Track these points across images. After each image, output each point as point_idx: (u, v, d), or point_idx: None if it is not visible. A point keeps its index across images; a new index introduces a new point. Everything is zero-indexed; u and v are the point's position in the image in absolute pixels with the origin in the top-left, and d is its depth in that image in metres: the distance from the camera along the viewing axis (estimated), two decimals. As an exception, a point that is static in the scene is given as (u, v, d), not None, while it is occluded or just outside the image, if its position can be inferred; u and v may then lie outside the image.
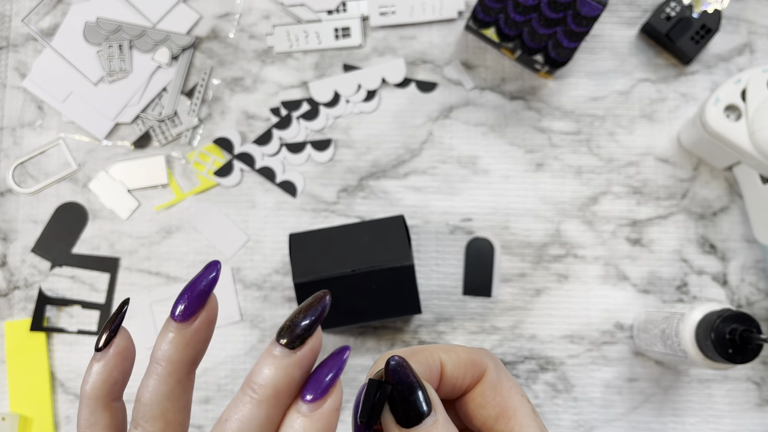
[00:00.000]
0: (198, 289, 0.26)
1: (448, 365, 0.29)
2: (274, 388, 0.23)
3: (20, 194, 0.58)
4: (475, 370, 0.29)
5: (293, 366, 0.23)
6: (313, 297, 0.24)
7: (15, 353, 0.56)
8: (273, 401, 0.23)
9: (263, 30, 0.59)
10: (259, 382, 0.23)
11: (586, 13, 0.50)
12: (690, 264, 0.56)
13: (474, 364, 0.29)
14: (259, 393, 0.23)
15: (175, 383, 0.26)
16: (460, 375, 0.29)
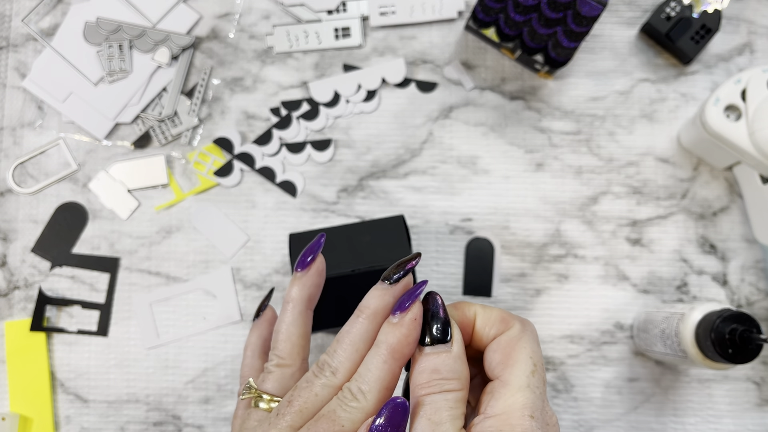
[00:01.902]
0: (310, 249, 0.38)
1: (480, 317, 0.34)
2: (373, 309, 0.34)
3: (20, 194, 0.58)
4: (502, 325, 0.34)
5: (387, 295, 0.34)
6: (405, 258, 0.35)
7: (15, 353, 0.56)
8: (372, 318, 0.34)
9: (263, 30, 0.59)
10: (363, 305, 0.34)
11: (586, 13, 0.50)
12: (690, 264, 0.56)
13: (503, 320, 0.34)
14: (364, 313, 0.34)
15: (297, 315, 0.37)
16: (488, 326, 0.34)
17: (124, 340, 0.56)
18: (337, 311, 0.50)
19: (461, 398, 0.32)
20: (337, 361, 0.34)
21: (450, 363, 0.32)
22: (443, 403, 0.31)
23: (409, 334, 0.33)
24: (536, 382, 0.32)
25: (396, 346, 0.33)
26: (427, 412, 0.31)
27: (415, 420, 0.31)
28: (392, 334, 0.33)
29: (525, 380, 0.32)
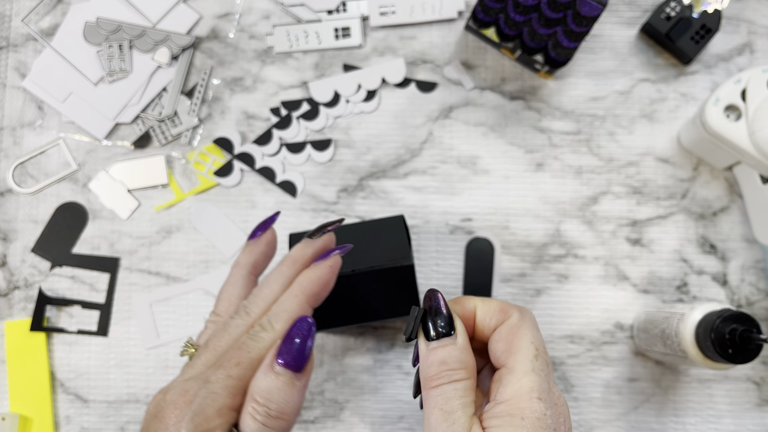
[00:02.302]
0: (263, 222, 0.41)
1: (480, 309, 0.36)
2: (293, 257, 0.38)
3: (20, 194, 0.58)
4: (501, 315, 0.36)
5: (308, 247, 0.39)
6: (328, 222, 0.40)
7: (15, 353, 0.56)
8: (290, 264, 0.38)
9: (263, 30, 0.59)
10: (285, 256, 0.38)
11: (586, 13, 0.50)
12: (690, 264, 0.56)
13: (502, 311, 0.36)
14: (285, 261, 0.38)
15: (240, 277, 0.40)
16: (488, 317, 0.36)
17: (124, 340, 0.56)
18: (338, 311, 0.50)
19: (470, 386, 0.33)
20: (252, 303, 0.37)
21: (456, 354, 0.34)
22: (453, 392, 0.33)
23: (323, 276, 0.37)
24: (540, 365, 0.33)
25: (307, 284, 0.36)
26: (439, 402, 0.33)
27: (429, 411, 0.33)
28: (306, 275, 0.37)
29: (529, 365, 0.33)
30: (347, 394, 0.55)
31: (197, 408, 0.32)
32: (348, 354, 0.55)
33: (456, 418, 0.32)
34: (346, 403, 0.55)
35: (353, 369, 0.55)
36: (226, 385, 0.33)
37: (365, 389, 0.55)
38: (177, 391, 0.33)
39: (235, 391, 0.33)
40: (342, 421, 0.55)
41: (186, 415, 0.32)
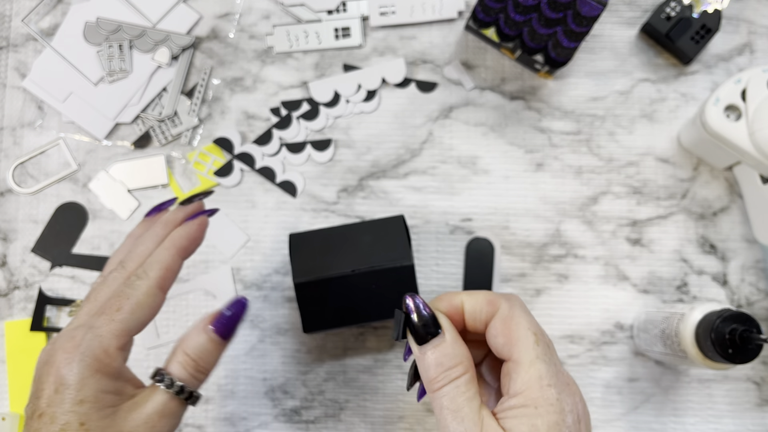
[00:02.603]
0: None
1: (467, 303, 0.36)
2: (165, 219, 0.42)
3: (20, 194, 0.58)
4: (490, 307, 0.36)
5: (180, 211, 0.43)
6: (197, 194, 0.45)
7: (15, 353, 0.56)
8: (163, 225, 0.42)
9: (263, 30, 0.59)
10: (160, 218, 0.43)
11: (586, 13, 0.50)
12: (690, 264, 0.56)
13: (490, 303, 0.36)
14: (158, 221, 0.42)
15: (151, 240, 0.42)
16: (478, 311, 0.36)
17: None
18: (337, 311, 0.50)
19: (469, 379, 0.34)
20: (129, 259, 0.40)
21: (449, 351, 0.34)
22: (455, 391, 0.34)
23: (191, 232, 0.41)
24: (542, 349, 0.34)
25: (177, 239, 0.41)
26: (445, 403, 0.34)
27: (438, 413, 0.34)
28: (177, 231, 0.41)
29: (533, 353, 0.33)
30: (347, 394, 0.55)
31: (85, 349, 0.35)
32: (348, 354, 0.55)
33: (464, 415, 0.33)
34: (346, 403, 0.55)
35: (353, 369, 0.55)
36: (111, 329, 0.37)
37: (365, 389, 0.55)
38: (64, 338, 0.36)
39: (119, 333, 0.37)
40: (342, 421, 0.55)
41: (75, 357, 0.35)
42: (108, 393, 0.36)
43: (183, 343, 0.39)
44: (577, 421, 0.33)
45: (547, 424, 0.32)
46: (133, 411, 0.36)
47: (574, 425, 0.32)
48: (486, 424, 0.33)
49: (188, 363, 0.38)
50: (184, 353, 0.38)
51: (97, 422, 0.35)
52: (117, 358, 0.37)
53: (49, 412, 0.35)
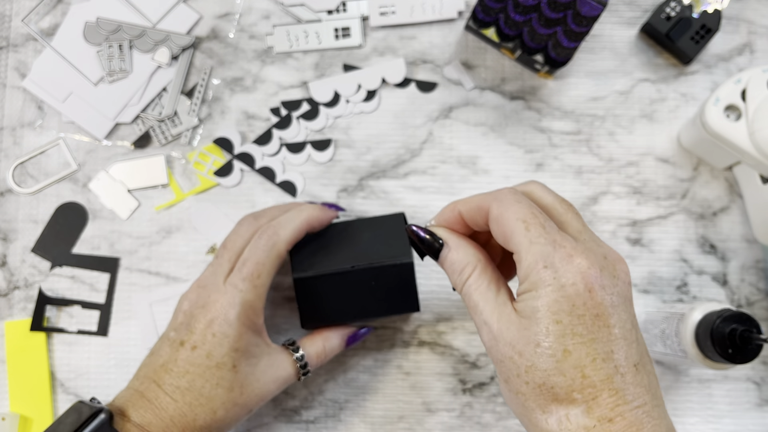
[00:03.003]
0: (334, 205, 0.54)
1: (464, 212, 0.39)
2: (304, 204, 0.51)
3: (20, 194, 0.58)
4: (481, 211, 0.38)
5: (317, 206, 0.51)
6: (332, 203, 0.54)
7: (15, 353, 0.56)
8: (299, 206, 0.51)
9: (263, 30, 0.59)
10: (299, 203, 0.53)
11: (586, 13, 0.50)
12: (690, 264, 0.56)
13: (479, 208, 0.38)
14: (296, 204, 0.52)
15: None
16: (474, 217, 0.39)
17: (124, 340, 0.56)
18: (336, 307, 0.50)
19: (480, 272, 0.37)
20: (261, 215, 0.49)
21: (455, 257, 0.38)
22: (469, 289, 0.37)
23: (323, 215, 0.50)
24: (535, 233, 0.35)
25: (312, 211, 0.49)
26: (468, 302, 0.37)
27: (470, 313, 0.37)
28: (313, 207, 0.50)
29: (525, 241, 0.35)
30: (347, 394, 0.55)
31: (240, 309, 0.44)
32: (348, 354, 0.55)
33: (481, 308, 0.36)
34: (346, 403, 0.55)
35: (353, 369, 0.55)
36: (255, 294, 0.45)
37: (365, 389, 0.55)
38: (219, 291, 0.45)
39: (262, 296, 0.46)
40: (342, 421, 0.55)
41: (232, 312, 0.44)
42: (254, 346, 0.45)
43: (328, 336, 0.49)
44: (586, 290, 0.33)
45: (546, 305, 0.33)
46: (270, 367, 0.46)
47: (580, 296, 0.33)
48: (501, 312, 0.35)
49: (321, 352, 0.49)
50: (323, 344, 0.49)
51: (245, 368, 0.44)
52: (261, 316, 0.46)
53: (205, 348, 0.44)
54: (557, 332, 0.33)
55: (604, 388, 0.32)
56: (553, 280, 0.33)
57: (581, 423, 0.32)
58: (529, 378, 0.33)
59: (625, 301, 0.34)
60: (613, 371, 0.32)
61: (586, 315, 0.33)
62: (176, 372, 0.44)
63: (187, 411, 0.43)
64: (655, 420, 0.32)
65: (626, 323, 0.34)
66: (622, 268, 0.35)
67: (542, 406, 0.33)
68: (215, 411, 0.43)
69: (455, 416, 0.55)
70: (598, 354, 0.32)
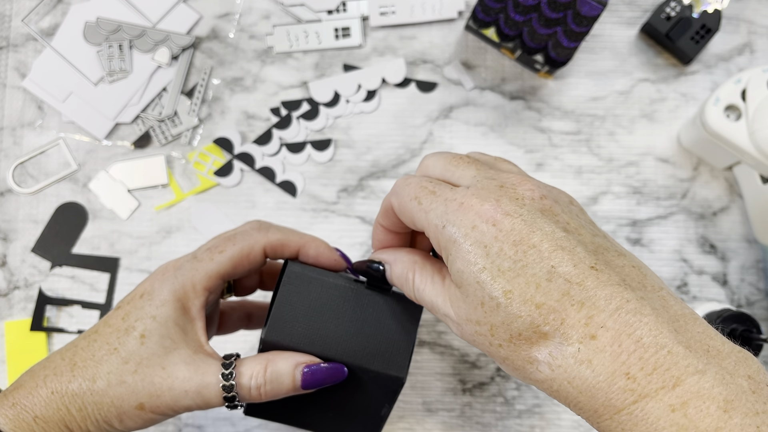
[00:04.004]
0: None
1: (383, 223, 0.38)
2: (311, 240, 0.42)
3: (20, 194, 0.58)
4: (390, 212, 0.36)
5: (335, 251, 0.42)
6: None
7: (15, 353, 0.56)
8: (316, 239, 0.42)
9: (263, 30, 0.59)
10: None
11: (586, 13, 0.50)
12: (690, 264, 0.56)
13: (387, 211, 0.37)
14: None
15: None
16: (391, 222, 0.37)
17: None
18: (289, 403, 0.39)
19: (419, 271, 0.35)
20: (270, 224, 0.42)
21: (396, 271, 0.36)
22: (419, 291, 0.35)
23: (327, 252, 0.41)
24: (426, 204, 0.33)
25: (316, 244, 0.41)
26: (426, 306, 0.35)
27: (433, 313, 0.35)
28: (323, 242, 0.41)
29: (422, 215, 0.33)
30: (347, 394, 0.55)
31: (179, 276, 0.38)
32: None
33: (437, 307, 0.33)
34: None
35: (353, 369, 0.55)
36: (206, 267, 0.38)
37: (365, 389, 0.55)
38: (175, 260, 0.39)
39: (211, 272, 0.38)
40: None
41: (169, 278, 0.38)
42: (177, 326, 0.37)
43: (273, 358, 0.37)
44: (490, 224, 0.30)
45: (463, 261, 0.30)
46: (185, 363, 0.36)
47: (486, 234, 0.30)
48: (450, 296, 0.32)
49: (258, 378, 0.36)
50: (264, 368, 0.36)
51: (154, 344, 0.36)
52: (199, 296, 0.38)
53: (125, 309, 0.37)
54: (487, 279, 0.29)
55: (565, 307, 0.28)
56: (456, 234, 0.31)
57: (566, 353, 0.28)
58: (498, 339, 0.30)
59: (544, 213, 0.31)
60: (565, 285, 0.28)
61: (503, 248, 0.29)
62: (88, 332, 0.37)
63: (66, 370, 0.35)
64: (647, 316, 0.27)
65: (555, 233, 0.30)
66: (526, 186, 0.32)
67: (527, 359, 0.29)
68: (95, 379, 0.35)
69: (455, 416, 0.55)
70: (538, 277, 0.29)
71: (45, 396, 0.35)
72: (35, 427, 0.34)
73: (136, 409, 0.35)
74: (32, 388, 0.35)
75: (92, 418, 0.35)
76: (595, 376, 0.27)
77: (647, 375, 0.26)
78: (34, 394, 0.35)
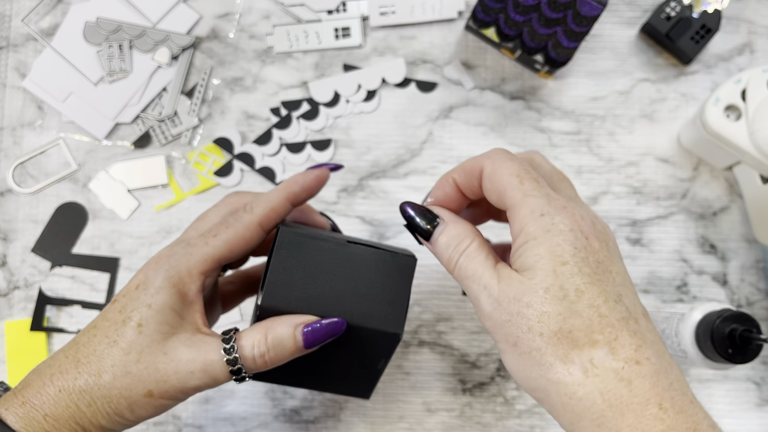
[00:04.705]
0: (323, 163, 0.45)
1: (458, 179, 0.37)
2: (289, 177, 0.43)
3: (20, 194, 0.58)
4: (474, 172, 0.36)
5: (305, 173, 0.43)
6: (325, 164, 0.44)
7: (15, 353, 0.56)
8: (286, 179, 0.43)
9: (263, 30, 0.59)
10: None
11: (586, 13, 0.50)
12: (690, 264, 0.56)
13: (472, 169, 0.36)
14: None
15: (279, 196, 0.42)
16: (468, 181, 0.36)
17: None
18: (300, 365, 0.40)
19: (478, 246, 0.35)
20: (243, 192, 0.42)
21: (451, 232, 0.36)
22: (466, 259, 0.34)
23: (307, 180, 0.42)
24: (529, 186, 0.33)
25: (291, 184, 0.41)
26: (463, 273, 0.34)
27: (464, 286, 0.35)
28: (293, 177, 0.42)
29: (519, 193, 0.33)
30: (347, 394, 0.55)
31: (174, 262, 0.37)
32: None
33: (480, 274, 0.34)
34: (346, 403, 0.55)
35: (353, 369, 0.55)
36: (201, 251, 0.38)
37: (365, 389, 0.55)
38: (168, 247, 0.39)
39: (207, 257, 0.38)
40: (342, 421, 0.55)
41: (163, 265, 0.37)
42: (173, 311, 0.37)
43: (271, 324, 0.37)
44: (583, 237, 0.32)
45: (548, 249, 0.32)
46: (185, 346, 0.36)
47: (579, 241, 0.32)
48: (501, 273, 0.33)
49: (261, 346, 0.37)
50: (264, 335, 0.37)
51: (152, 332, 0.36)
52: (196, 281, 0.38)
53: (121, 302, 0.37)
54: (565, 272, 0.31)
55: (622, 328, 0.31)
56: (552, 226, 0.32)
57: (608, 366, 0.30)
58: (543, 327, 0.31)
59: (619, 256, 0.34)
60: (626, 314, 0.31)
61: (589, 258, 0.32)
62: (87, 328, 0.37)
63: (71, 368, 0.36)
64: (677, 368, 0.32)
65: (625, 275, 0.33)
66: (609, 229, 0.35)
67: (562, 357, 0.30)
68: (100, 373, 0.35)
69: (455, 416, 0.55)
70: (609, 295, 0.31)
71: (53, 394, 0.35)
72: (45, 425, 0.35)
73: (145, 397, 0.36)
74: (40, 387, 0.35)
75: (103, 412, 0.36)
76: (632, 396, 0.30)
77: (676, 413, 0.31)
78: (43, 393, 0.35)
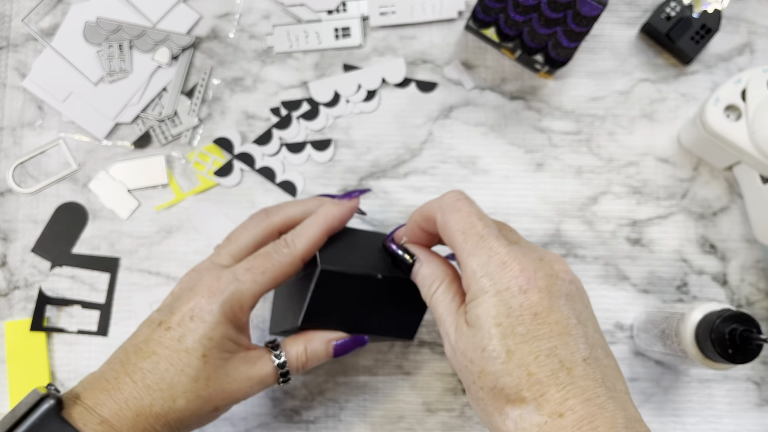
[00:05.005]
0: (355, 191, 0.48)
1: (421, 225, 0.41)
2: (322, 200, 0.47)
3: (20, 194, 0.58)
4: (430, 221, 0.40)
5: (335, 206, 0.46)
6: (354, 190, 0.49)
7: (15, 353, 0.56)
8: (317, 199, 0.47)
9: (263, 30, 0.59)
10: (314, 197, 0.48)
11: (586, 13, 0.50)
12: (690, 264, 0.56)
13: (428, 218, 0.40)
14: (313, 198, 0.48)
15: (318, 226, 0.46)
16: (430, 227, 0.40)
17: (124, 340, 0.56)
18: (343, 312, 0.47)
19: (445, 288, 0.39)
20: (274, 210, 0.46)
21: (425, 271, 0.40)
22: (436, 303, 0.39)
23: (343, 211, 0.45)
24: (471, 246, 0.36)
25: (329, 216, 0.45)
26: (434, 313, 0.39)
27: (436, 321, 0.39)
28: (329, 207, 0.45)
29: (464, 253, 0.36)
30: (347, 394, 0.55)
31: (227, 298, 0.42)
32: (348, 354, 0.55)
33: (444, 319, 0.38)
34: (346, 403, 0.55)
35: (353, 369, 0.55)
36: (251, 288, 0.42)
37: (365, 389, 0.55)
38: (211, 275, 0.43)
39: (257, 294, 0.43)
40: (342, 421, 0.55)
41: (217, 300, 0.41)
42: (230, 341, 0.42)
43: (310, 338, 0.45)
44: (521, 293, 0.34)
45: (486, 311, 0.35)
46: (244, 364, 0.43)
47: (515, 298, 0.34)
48: (458, 323, 0.37)
49: (302, 357, 0.44)
50: (305, 347, 0.45)
51: (215, 360, 0.41)
52: (247, 313, 0.43)
53: (179, 331, 0.41)
54: (498, 335, 0.34)
55: (551, 384, 0.33)
56: (490, 287, 0.35)
57: (534, 421, 0.33)
58: (482, 383, 0.34)
59: (568, 297, 0.35)
60: (558, 366, 0.33)
61: (524, 315, 0.34)
62: (144, 352, 0.41)
63: (144, 394, 0.40)
64: (609, 412, 0.33)
65: (569, 319, 0.34)
66: (561, 267, 0.36)
67: (499, 410, 0.34)
68: (174, 399, 0.40)
69: (455, 416, 0.55)
70: (541, 351, 0.33)
71: (131, 418, 0.39)
72: None
73: (212, 411, 0.42)
74: (117, 411, 0.39)
75: (175, 429, 0.41)
76: None
77: None
78: (120, 416, 0.39)
